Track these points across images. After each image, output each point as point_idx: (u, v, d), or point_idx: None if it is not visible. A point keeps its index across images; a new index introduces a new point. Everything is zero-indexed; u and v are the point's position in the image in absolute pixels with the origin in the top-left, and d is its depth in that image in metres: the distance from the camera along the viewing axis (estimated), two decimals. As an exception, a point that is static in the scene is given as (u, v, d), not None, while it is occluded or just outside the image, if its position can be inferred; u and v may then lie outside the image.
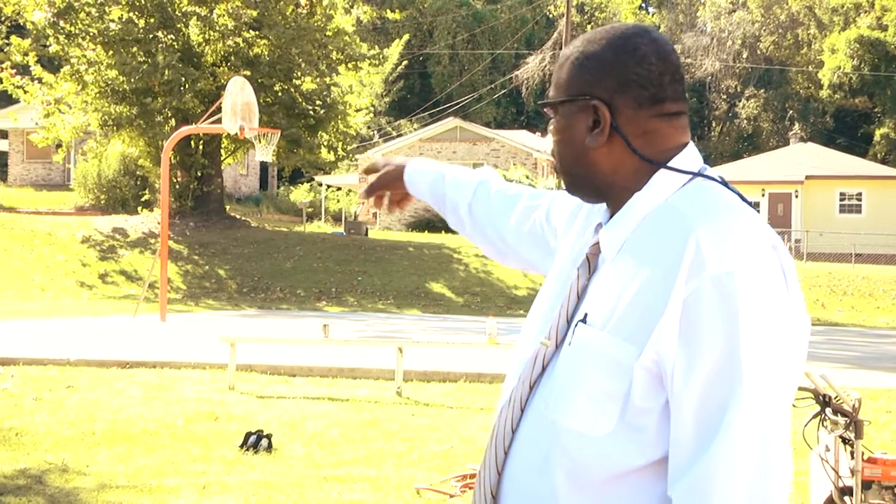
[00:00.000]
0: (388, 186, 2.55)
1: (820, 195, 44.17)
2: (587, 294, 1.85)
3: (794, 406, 6.00)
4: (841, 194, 44.66)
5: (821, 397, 5.82)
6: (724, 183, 1.83)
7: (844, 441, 5.83)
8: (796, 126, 58.34)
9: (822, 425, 5.86)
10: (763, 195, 43.99)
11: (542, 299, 2.01)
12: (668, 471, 1.71)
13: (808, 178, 43.82)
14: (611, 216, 1.89)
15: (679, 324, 1.67)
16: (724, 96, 69.83)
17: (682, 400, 1.68)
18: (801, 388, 5.90)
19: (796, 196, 44.07)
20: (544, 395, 1.82)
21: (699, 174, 1.83)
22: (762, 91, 67.25)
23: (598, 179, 1.87)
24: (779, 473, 1.68)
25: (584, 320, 1.79)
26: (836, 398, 5.82)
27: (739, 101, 68.23)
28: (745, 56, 66.89)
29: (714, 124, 70.82)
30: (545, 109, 1.94)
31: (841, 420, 5.77)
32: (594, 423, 1.73)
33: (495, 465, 1.87)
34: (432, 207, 2.52)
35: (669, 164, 1.82)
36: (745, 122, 67.92)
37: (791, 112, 65.78)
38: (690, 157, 1.85)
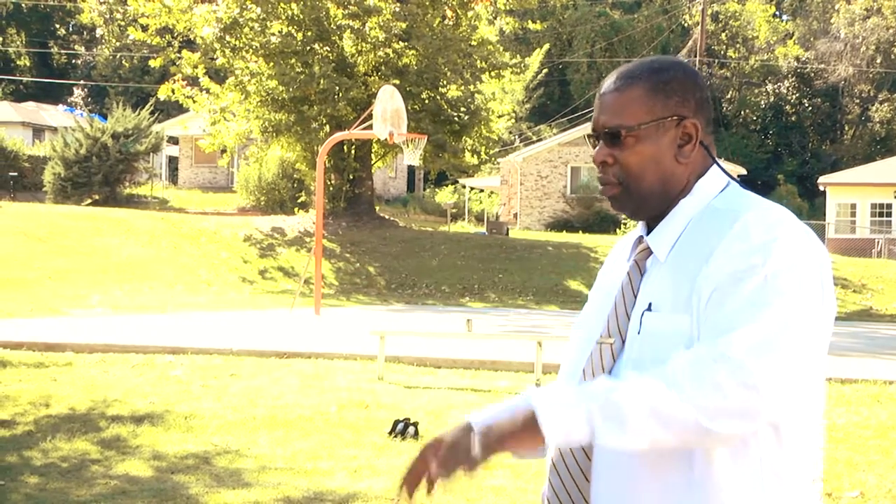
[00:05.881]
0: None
1: (953, 197, 42.37)
2: (642, 291, 1.95)
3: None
4: (975, 195, 42.80)
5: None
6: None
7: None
8: (931, 129, 56.10)
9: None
10: (895, 197, 42.53)
11: (588, 312, 2.11)
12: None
13: (941, 179, 42.06)
14: (649, 225, 2.02)
15: (720, 279, 1.82)
16: (857, 100, 67.51)
17: (710, 316, 1.82)
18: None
19: (928, 197, 42.39)
20: None
21: (735, 180, 2.00)
22: (896, 95, 64.90)
23: (674, 192, 1.98)
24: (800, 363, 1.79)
25: (648, 309, 1.91)
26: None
27: (872, 105, 65.89)
28: (878, 61, 64.51)
29: (847, 128, 68.55)
30: (613, 138, 1.99)
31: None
32: None
33: (583, 452, 1.96)
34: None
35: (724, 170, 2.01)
36: (878, 125, 65.53)
37: (925, 116, 63.29)
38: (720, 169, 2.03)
